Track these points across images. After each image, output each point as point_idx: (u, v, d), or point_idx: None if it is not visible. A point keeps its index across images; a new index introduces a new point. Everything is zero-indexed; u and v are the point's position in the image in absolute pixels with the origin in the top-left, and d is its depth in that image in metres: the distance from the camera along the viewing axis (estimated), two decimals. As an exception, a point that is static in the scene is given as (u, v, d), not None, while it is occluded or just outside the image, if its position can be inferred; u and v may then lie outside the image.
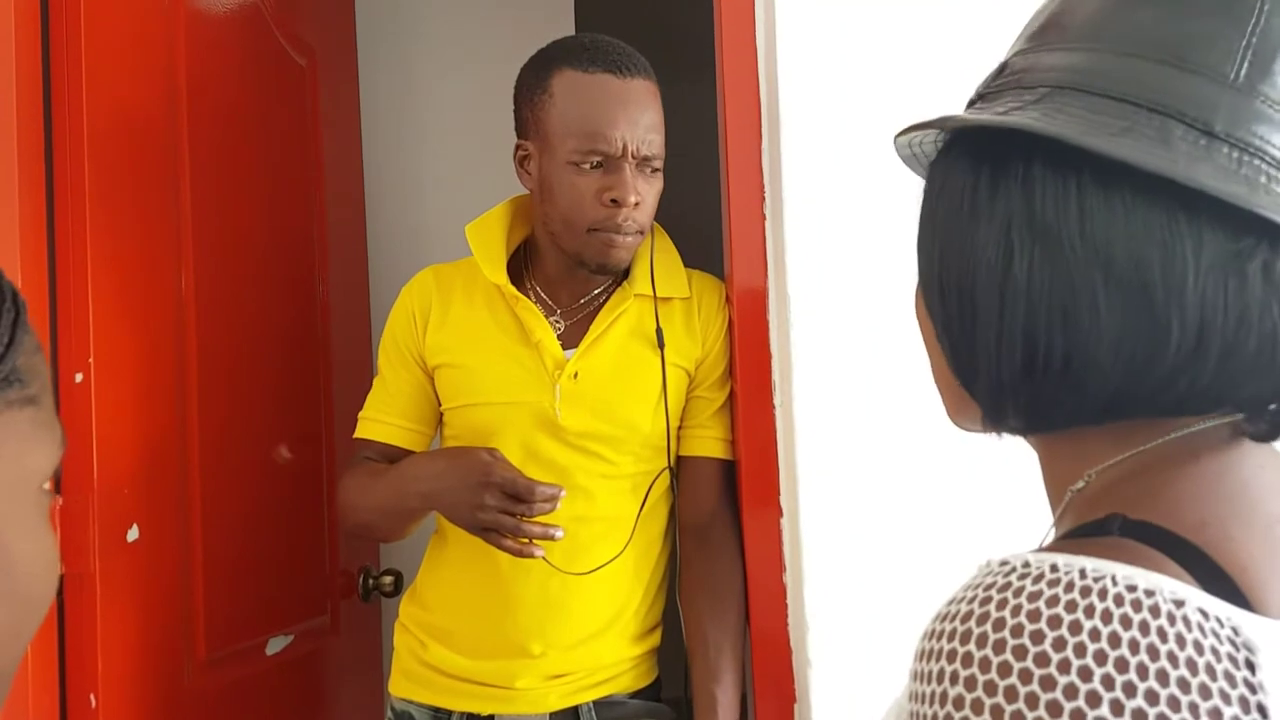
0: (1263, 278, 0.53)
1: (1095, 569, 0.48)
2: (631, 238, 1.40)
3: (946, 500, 1.31)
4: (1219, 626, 0.46)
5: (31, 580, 0.59)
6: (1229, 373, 0.54)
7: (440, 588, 1.49)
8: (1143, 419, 0.57)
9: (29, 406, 0.59)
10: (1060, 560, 0.49)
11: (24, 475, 0.59)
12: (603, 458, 1.43)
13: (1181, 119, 0.54)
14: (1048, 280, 0.55)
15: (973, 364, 0.60)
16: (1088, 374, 0.55)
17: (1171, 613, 0.46)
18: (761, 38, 1.38)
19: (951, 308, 0.60)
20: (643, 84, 1.39)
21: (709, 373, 1.48)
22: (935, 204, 0.63)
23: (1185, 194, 0.53)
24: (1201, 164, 0.53)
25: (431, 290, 1.49)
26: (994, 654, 0.47)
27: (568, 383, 1.42)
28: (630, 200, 1.36)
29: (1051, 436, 0.62)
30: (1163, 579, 0.48)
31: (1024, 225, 0.56)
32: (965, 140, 0.62)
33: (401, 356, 1.49)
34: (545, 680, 1.42)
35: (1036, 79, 0.59)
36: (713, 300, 1.50)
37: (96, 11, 1.41)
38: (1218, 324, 0.53)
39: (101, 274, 1.40)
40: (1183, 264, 0.53)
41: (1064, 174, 0.55)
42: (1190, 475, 0.55)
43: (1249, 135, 0.54)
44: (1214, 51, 0.55)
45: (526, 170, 1.44)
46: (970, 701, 0.47)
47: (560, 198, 1.39)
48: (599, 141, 1.36)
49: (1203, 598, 0.47)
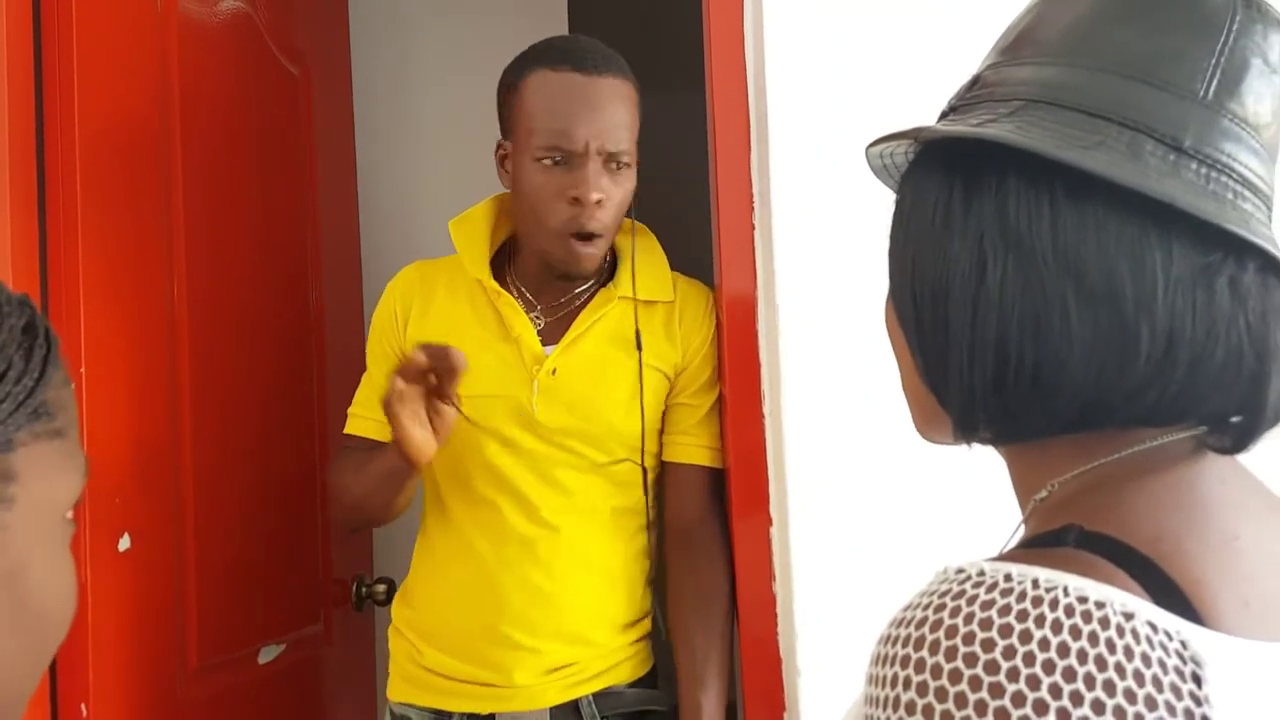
0: (1229, 292, 0.54)
1: (1048, 579, 0.49)
2: (594, 243, 1.40)
3: (936, 508, 1.31)
4: (1167, 639, 0.47)
5: (52, 606, 0.63)
6: (1196, 384, 0.55)
7: (429, 586, 1.50)
8: (1110, 431, 0.58)
9: (56, 439, 0.62)
10: (1014, 570, 0.50)
11: (50, 505, 0.62)
12: (578, 453, 1.44)
13: (1151, 134, 0.55)
14: (1020, 291, 0.56)
15: (945, 375, 0.60)
16: (1059, 384, 0.56)
17: (1120, 625, 0.47)
18: (750, 46, 1.39)
19: (924, 318, 0.61)
20: (612, 81, 1.39)
21: (692, 379, 1.48)
22: (908, 215, 0.63)
23: (1156, 208, 0.53)
24: (1171, 179, 0.54)
25: (415, 285, 1.51)
26: (945, 660, 0.48)
27: (546, 379, 1.43)
28: (591, 197, 1.36)
29: (1019, 446, 0.63)
30: (1114, 591, 0.48)
31: (997, 237, 0.57)
32: (938, 152, 0.62)
33: (384, 352, 1.51)
34: (543, 675, 1.43)
35: (1010, 92, 0.59)
36: (698, 306, 1.49)
37: (88, 19, 1.41)
38: (1186, 335, 0.54)
39: (93, 282, 1.40)
40: (1153, 277, 0.54)
41: (1037, 187, 0.56)
42: (1148, 489, 0.56)
43: (1216, 151, 0.55)
44: (1183, 69, 0.56)
45: (505, 170, 1.47)
46: (921, 706, 0.48)
47: (527, 196, 1.41)
48: (560, 138, 1.36)
49: (1153, 610, 0.48)
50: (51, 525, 0.63)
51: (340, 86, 2.08)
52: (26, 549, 0.61)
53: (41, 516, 0.62)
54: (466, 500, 1.47)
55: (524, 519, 1.44)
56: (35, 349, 0.61)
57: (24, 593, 0.61)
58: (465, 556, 1.45)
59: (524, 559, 1.43)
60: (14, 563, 0.60)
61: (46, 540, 0.62)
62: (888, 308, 0.67)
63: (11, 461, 0.59)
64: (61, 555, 0.64)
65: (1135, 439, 0.58)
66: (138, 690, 1.44)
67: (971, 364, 0.58)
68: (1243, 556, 0.54)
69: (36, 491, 0.61)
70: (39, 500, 0.61)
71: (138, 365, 1.47)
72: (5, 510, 0.59)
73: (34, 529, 0.61)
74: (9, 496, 0.59)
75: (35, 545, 0.61)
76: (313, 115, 1.93)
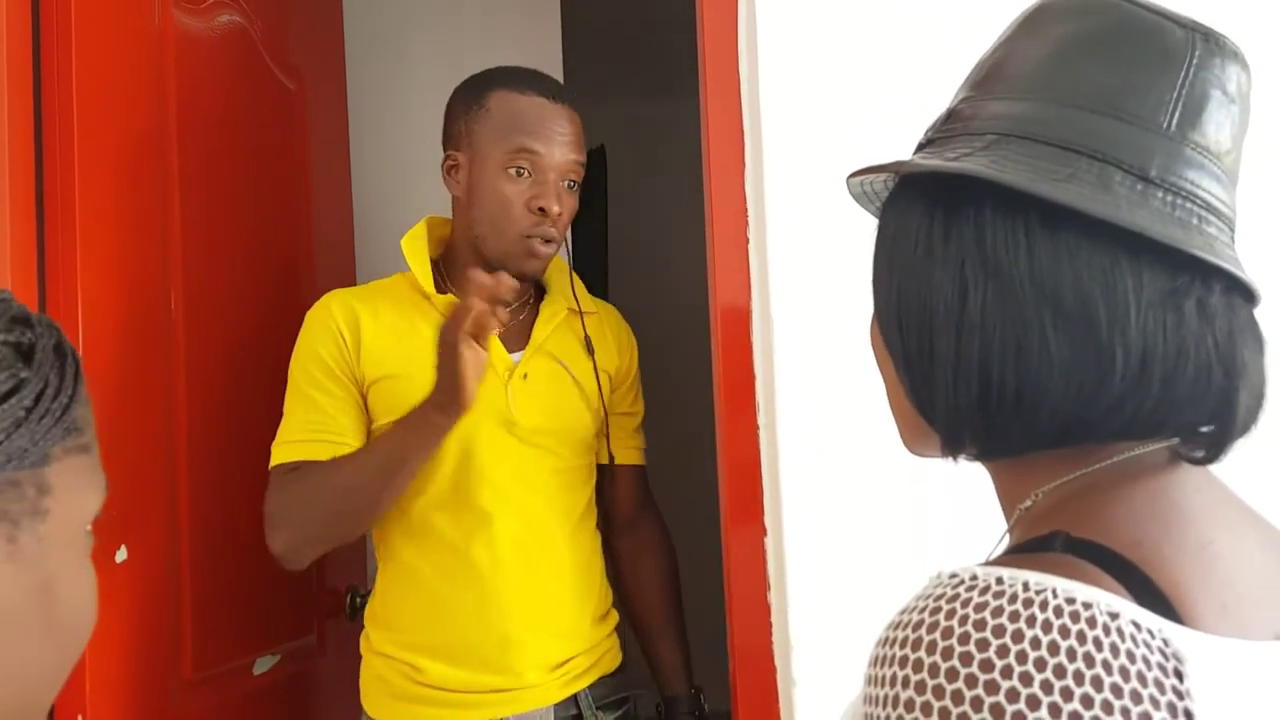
0: (1197, 313, 0.57)
1: (1038, 582, 0.52)
2: (551, 246, 1.52)
3: (932, 518, 1.32)
4: (1150, 638, 0.50)
5: (78, 617, 0.65)
6: (1170, 399, 0.58)
7: (418, 602, 1.50)
8: (1091, 445, 0.61)
9: (83, 454, 0.65)
10: (1006, 574, 0.53)
11: (77, 518, 0.65)
12: (553, 452, 1.53)
13: (1120, 165, 0.58)
14: (1000, 317, 0.59)
15: (931, 395, 0.63)
16: (1039, 403, 0.59)
17: (1106, 624, 0.50)
18: (744, 58, 1.40)
19: (910, 343, 0.64)
20: (570, 111, 1.54)
21: (630, 389, 1.67)
22: (892, 243, 0.66)
23: (1125, 236, 0.57)
24: (1140, 209, 0.58)
25: (353, 308, 1.51)
26: (942, 660, 0.51)
27: (519, 383, 1.51)
28: (555, 209, 1.49)
29: (1004, 460, 0.65)
30: (1099, 593, 0.51)
31: (977, 265, 0.60)
32: (918, 184, 0.65)
33: (332, 374, 1.48)
34: (549, 672, 1.49)
35: (984, 126, 0.63)
36: (618, 319, 1.69)
37: (87, 32, 1.42)
38: (1158, 354, 0.57)
39: (90, 295, 1.41)
40: (1125, 301, 0.57)
41: (1013, 217, 0.59)
42: (1128, 496, 0.59)
43: (1181, 180, 0.59)
44: (1147, 102, 0.59)
45: (455, 179, 1.55)
46: (920, 704, 0.50)
47: (489, 204, 1.50)
48: (531, 152, 1.48)
49: (1136, 610, 0.51)
50: (77, 538, 0.65)
51: (335, 100, 2.09)
52: (58, 561, 0.63)
53: (70, 529, 0.64)
54: (451, 508, 1.48)
55: (514, 520, 1.48)
56: (66, 367, 0.65)
57: (55, 603, 0.63)
58: (456, 565, 1.47)
59: (517, 560, 1.47)
60: (48, 573, 0.62)
61: (74, 552, 0.64)
62: (873, 329, 0.70)
63: (46, 475, 0.62)
64: (86, 567, 0.66)
65: (1114, 451, 0.61)
66: (134, 701, 1.44)
67: (956, 385, 0.61)
68: (1218, 561, 0.57)
69: (67, 505, 0.63)
70: (69, 513, 0.63)
71: (134, 377, 1.48)
72: (40, 522, 0.61)
73: (64, 541, 0.63)
74: (44, 509, 0.62)
75: (64, 557, 0.63)
76: (308, 129, 1.95)
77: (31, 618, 0.62)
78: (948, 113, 0.67)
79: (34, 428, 0.61)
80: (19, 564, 0.61)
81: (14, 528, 0.60)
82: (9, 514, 0.60)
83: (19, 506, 0.60)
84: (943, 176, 0.62)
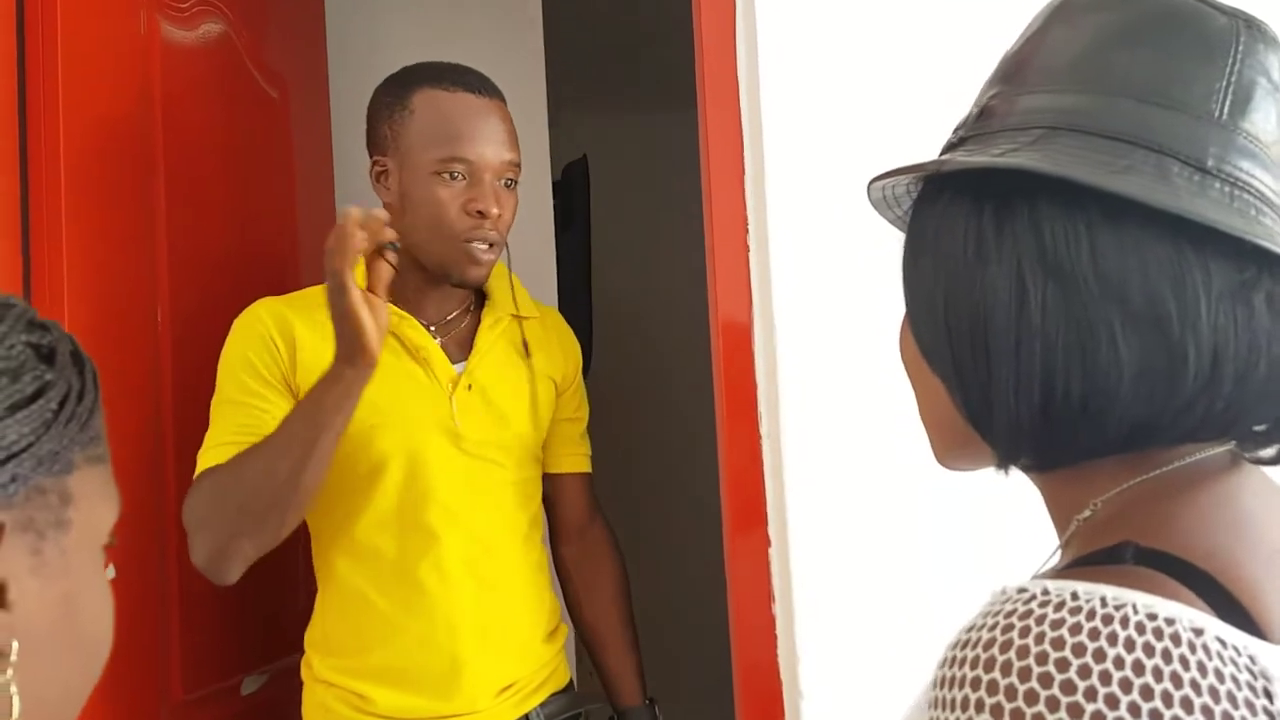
0: (1267, 307, 0.55)
1: (1116, 597, 0.49)
2: (494, 251, 1.45)
3: (939, 529, 1.31)
4: (1236, 655, 0.48)
5: (100, 631, 0.63)
6: (1242, 398, 0.55)
7: (362, 629, 1.43)
8: (1153, 449, 0.58)
9: (100, 464, 0.63)
10: (1080, 588, 0.50)
11: (97, 530, 0.62)
12: (499, 463, 1.47)
13: (1176, 156, 0.56)
14: (1062, 319, 0.56)
15: (989, 407, 0.59)
16: (1107, 409, 0.56)
17: (1192, 641, 0.47)
18: (743, 65, 1.39)
19: (963, 350, 0.60)
20: (498, 105, 1.47)
21: (575, 394, 1.61)
22: (933, 245, 0.63)
23: (1188, 228, 0.54)
24: (1200, 199, 0.55)
25: (286, 316, 1.42)
26: (1019, 681, 0.48)
27: (463, 394, 1.45)
28: (493, 211, 1.42)
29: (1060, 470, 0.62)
30: (1181, 608, 0.49)
31: (1036, 265, 0.57)
32: (959, 183, 0.62)
33: (264, 381, 1.40)
34: (500, 694, 1.44)
35: (1026, 120, 0.60)
36: (561, 322, 1.65)
37: (72, 38, 1.40)
38: (1230, 351, 0.55)
39: (76, 302, 1.38)
40: (1195, 296, 0.54)
41: (1071, 213, 0.56)
42: (1196, 503, 0.57)
43: (1236, 170, 0.56)
44: (1196, 91, 0.57)
45: (385, 185, 1.47)
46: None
47: (423, 208, 1.43)
48: (462, 154, 1.41)
49: (1220, 626, 0.49)
50: (97, 552, 0.63)
51: (318, 108, 2.07)
52: (80, 575, 0.60)
53: (91, 542, 0.62)
54: (397, 528, 1.41)
55: (462, 539, 1.43)
56: (85, 373, 0.62)
57: (78, 620, 0.60)
58: (403, 588, 1.41)
59: (466, 580, 1.42)
60: (71, 588, 0.60)
61: (95, 567, 0.62)
62: (903, 337, 0.67)
63: (70, 484, 0.59)
64: (103, 577, 0.64)
65: (1176, 455, 0.58)
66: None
67: (1018, 395, 0.58)
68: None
69: (87, 516, 0.61)
70: (89, 525, 0.61)
71: (120, 390, 1.44)
72: (64, 534, 0.59)
73: (85, 553, 0.61)
74: (67, 520, 0.59)
75: (86, 572, 0.61)
76: (292, 136, 1.93)
77: (56, 635, 0.59)
78: (980, 109, 0.64)
79: (61, 431, 0.58)
80: (44, 578, 0.58)
81: (39, 539, 0.57)
82: (35, 523, 0.57)
83: (44, 516, 0.58)
84: (988, 173, 0.59)
